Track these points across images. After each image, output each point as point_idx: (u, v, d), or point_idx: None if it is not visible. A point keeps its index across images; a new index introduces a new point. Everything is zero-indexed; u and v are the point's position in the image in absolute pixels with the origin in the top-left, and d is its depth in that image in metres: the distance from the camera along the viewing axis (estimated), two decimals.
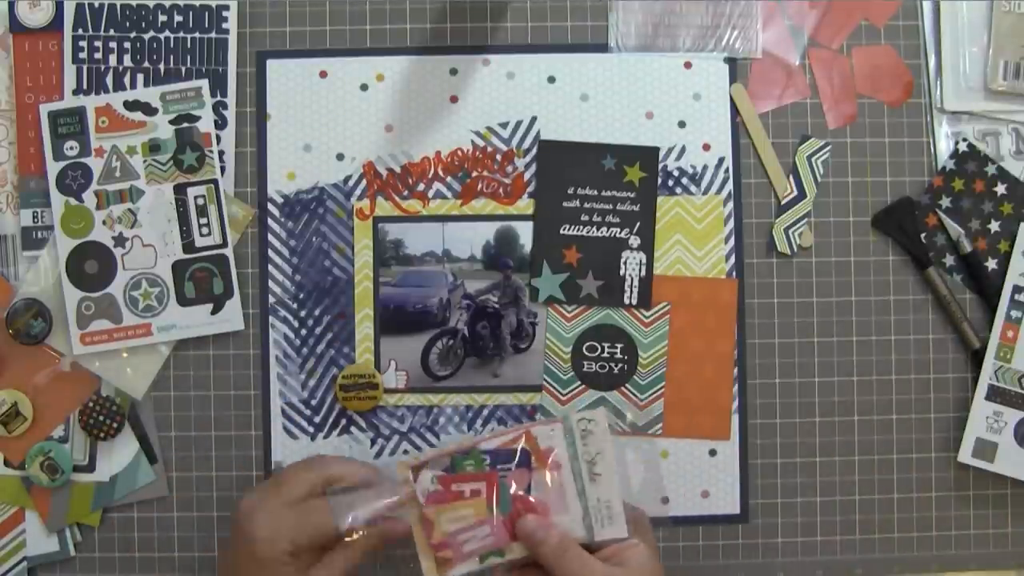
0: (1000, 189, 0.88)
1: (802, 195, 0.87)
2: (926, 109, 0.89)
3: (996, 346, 0.86)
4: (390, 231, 0.87)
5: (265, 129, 0.87)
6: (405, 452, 0.86)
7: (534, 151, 0.87)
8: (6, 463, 0.85)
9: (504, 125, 0.87)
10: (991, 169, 0.87)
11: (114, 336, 0.84)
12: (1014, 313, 0.86)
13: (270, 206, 0.87)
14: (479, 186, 0.87)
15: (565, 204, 0.86)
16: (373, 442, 0.86)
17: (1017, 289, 0.86)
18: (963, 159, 0.88)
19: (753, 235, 0.87)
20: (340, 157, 0.87)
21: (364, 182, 0.87)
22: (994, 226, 0.88)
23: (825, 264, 0.88)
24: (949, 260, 0.88)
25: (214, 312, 0.85)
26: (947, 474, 0.87)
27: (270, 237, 0.87)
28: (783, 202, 0.87)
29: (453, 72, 0.87)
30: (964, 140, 0.88)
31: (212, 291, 0.85)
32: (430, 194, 0.87)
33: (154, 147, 0.85)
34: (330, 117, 0.87)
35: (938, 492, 0.87)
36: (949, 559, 0.88)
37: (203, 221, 0.85)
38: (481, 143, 0.87)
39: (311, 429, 0.86)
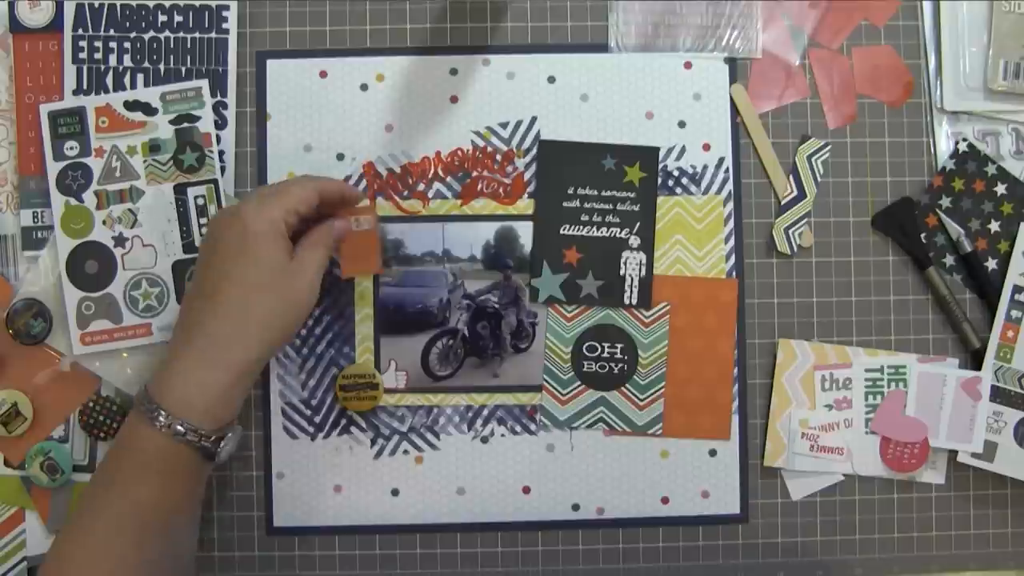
0: (1000, 189, 0.88)
1: (802, 195, 0.87)
2: (926, 109, 0.89)
3: (996, 346, 0.86)
4: (390, 231, 0.87)
5: (265, 129, 0.87)
6: (405, 452, 0.87)
7: (534, 151, 0.87)
8: (6, 463, 0.85)
9: (504, 125, 0.87)
10: (991, 169, 0.87)
11: (114, 336, 0.84)
12: (1014, 313, 0.86)
13: None
14: (479, 186, 0.86)
15: (565, 204, 0.86)
16: (373, 442, 0.86)
17: (1017, 289, 0.86)
18: (963, 159, 0.88)
19: (753, 235, 0.87)
20: (340, 157, 0.87)
21: (364, 182, 0.87)
22: (994, 226, 0.88)
23: (825, 264, 0.88)
24: (949, 260, 0.88)
25: None
26: (947, 474, 0.87)
27: None
28: (783, 202, 0.87)
29: (453, 72, 0.87)
30: (964, 140, 0.88)
31: None
32: (430, 194, 0.87)
33: (154, 147, 0.85)
34: (330, 117, 0.87)
35: (938, 492, 0.87)
36: (949, 559, 0.88)
37: (203, 221, 0.85)
38: (481, 143, 0.87)
39: (311, 429, 0.86)
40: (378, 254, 0.82)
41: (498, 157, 0.87)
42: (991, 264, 0.87)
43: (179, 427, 0.70)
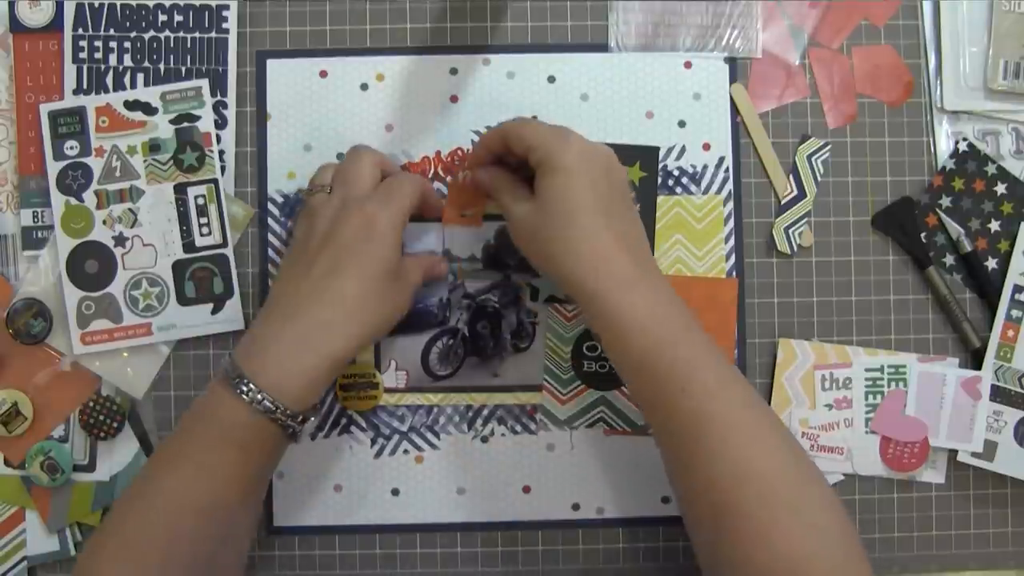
0: (1000, 189, 0.88)
1: (802, 195, 0.87)
2: (926, 109, 0.89)
3: (996, 346, 0.86)
4: None
5: (265, 129, 0.87)
6: (405, 452, 0.87)
7: None
8: (6, 463, 0.85)
9: None
10: (991, 169, 0.87)
11: (114, 336, 0.84)
12: (1014, 313, 0.86)
13: (270, 206, 0.86)
14: None
15: None
16: (373, 441, 0.86)
17: (1017, 289, 0.86)
18: (963, 159, 0.88)
19: (753, 235, 0.87)
20: (340, 157, 0.86)
21: None
22: (994, 226, 0.88)
23: (825, 264, 0.88)
24: (949, 260, 0.88)
25: (214, 312, 0.85)
26: (947, 474, 0.87)
27: (270, 237, 0.86)
28: (783, 201, 0.87)
29: (453, 72, 0.87)
30: (964, 140, 0.88)
31: (212, 291, 0.85)
32: None
33: (154, 147, 0.85)
34: (330, 117, 0.87)
35: (938, 492, 0.87)
36: (949, 559, 0.88)
37: (203, 221, 0.85)
38: None
39: (311, 429, 0.86)
40: (482, 210, 0.85)
41: None
42: (991, 264, 0.87)
43: (269, 404, 0.70)
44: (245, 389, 0.70)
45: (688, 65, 0.88)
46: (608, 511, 0.87)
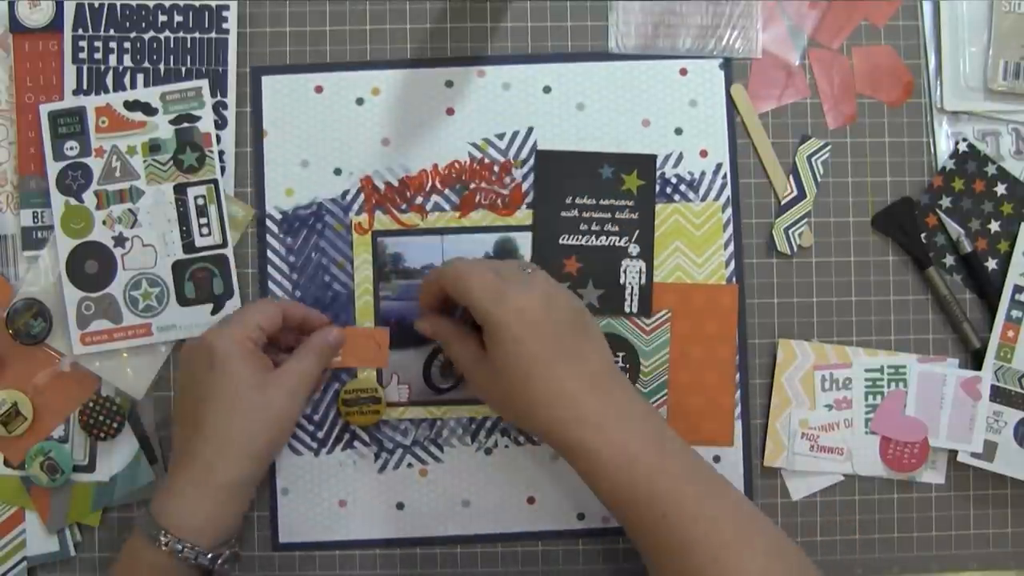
0: (1000, 189, 0.87)
1: (802, 195, 0.87)
2: (926, 109, 0.88)
3: (996, 346, 0.86)
4: (389, 245, 0.87)
5: (262, 146, 0.87)
6: (409, 466, 0.86)
7: (531, 161, 0.87)
8: (6, 463, 0.85)
9: (501, 136, 0.87)
10: (991, 169, 0.87)
11: (114, 336, 0.84)
12: (1014, 313, 0.86)
13: (269, 222, 0.86)
14: (477, 198, 0.86)
15: (563, 214, 0.86)
16: (377, 456, 0.86)
17: (1017, 289, 0.86)
18: (963, 159, 0.88)
19: (753, 235, 0.87)
20: (338, 172, 0.86)
21: (362, 196, 0.86)
22: (994, 226, 0.88)
23: (825, 264, 0.88)
24: (949, 260, 0.88)
25: (214, 312, 0.85)
26: (947, 474, 0.88)
27: (269, 254, 0.86)
28: (783, 202, 0.87)
29: (448, 84, 0.87)
30: (964, 140, 0.88)
31: (212, 291, 0.85)
32: (428, 207, 0.87)
33: (154, 147, 0.85)
34: (327, 132, 0.87)
35: (938, 492, 0.88)
36: (949, 559, 0.88)
37: (203, 221, 0.85)
38: (478, 155, 0.86)
39: (314, 444, 0.86)
40: (387, 350, 0.86)
41: (495, 168, 0.86)
42: (991, 264, 0.87)
43: (177, 545, 0.72)
44: (164, 540, 0.72)
45: (684, 72, 0.88)
46: (614, 520, 0.86)
